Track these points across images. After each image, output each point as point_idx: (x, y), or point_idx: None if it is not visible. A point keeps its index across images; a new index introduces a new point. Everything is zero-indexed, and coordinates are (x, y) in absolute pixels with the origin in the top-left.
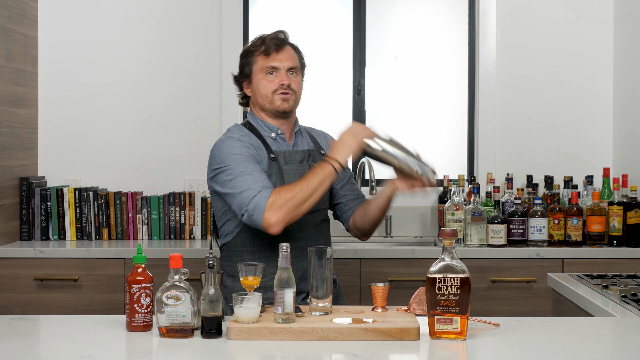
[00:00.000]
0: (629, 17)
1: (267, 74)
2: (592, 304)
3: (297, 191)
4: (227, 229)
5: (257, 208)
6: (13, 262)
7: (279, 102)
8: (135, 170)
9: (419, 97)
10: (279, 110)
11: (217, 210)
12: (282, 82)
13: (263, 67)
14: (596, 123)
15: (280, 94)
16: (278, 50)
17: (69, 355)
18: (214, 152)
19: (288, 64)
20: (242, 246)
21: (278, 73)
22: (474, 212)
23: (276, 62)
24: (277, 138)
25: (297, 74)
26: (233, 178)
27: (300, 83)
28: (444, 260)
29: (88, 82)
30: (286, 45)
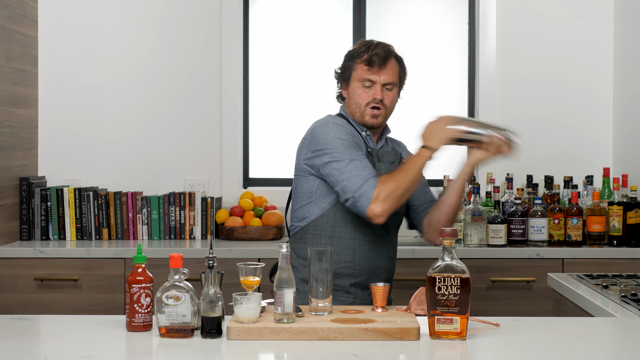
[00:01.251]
0: (629, 17)
1: (364, 86)
2: (592, 304)
3: (401, 182)
4: (309, 211)
5: (364, 197)
6: (13, 262)
7: (368, 117)
8: (135, 170)
9: (419, 97)
10: (367, 124)
11: (303, 191)
12: (375, 96)
13: (361, 78)
14: (596, 123)
15: (371, 109)
16: (381, 65)
17: (69, 355)
18: (316, 133)
19: (385, 79)
20: (321, 230)
21: (374, 87)
22: (474, 212)
23: (374, 76)
24: (367, 138)
25: (393, 88)
26: (339, 161)
27: (394, 98)
28: (444, 260)
29: (88, 82)
30: (390, 59)
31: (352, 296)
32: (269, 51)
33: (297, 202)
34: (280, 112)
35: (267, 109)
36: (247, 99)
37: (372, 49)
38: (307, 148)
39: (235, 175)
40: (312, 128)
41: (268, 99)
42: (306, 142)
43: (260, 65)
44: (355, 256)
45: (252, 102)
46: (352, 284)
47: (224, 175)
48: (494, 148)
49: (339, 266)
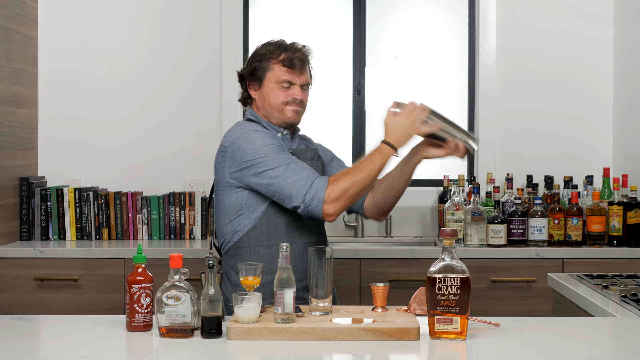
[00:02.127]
0: (629, 17)
1: (282, 87)
2: (592, 304)
3: (355, 180)
4: (240, 225)
5: (316, 199)
6: (13, 262)
7: (290, 113)
8: (135, 170)
9: (419, 97)
10: (287, 122)
11: (230, 205)
12: (295, 96)
13: (279, 79)
14: (596, 123)
15: (292, 106)
16: (302, 66)
17: (69, 355)
18: (240, 144)
19: (304, 81)
20: (257, 240)
21: (293, 87)
22: (474, 212)
23: (295, 78)
24: (283, 138)
25: (308, 89)
26: (275, 168)
27: (308, 97)
28: (444, 260)
29: (88, 82)
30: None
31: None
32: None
33: (224, 218)
34: None
35: None
36: None
37: (292, 52)
38: (230, 161)
39: None
40: (233, 140)
41: None
42: (228, 154)
43: None
44: (297, 260)
45: None
46: (303, 288)
47: None
48: (450, 149)
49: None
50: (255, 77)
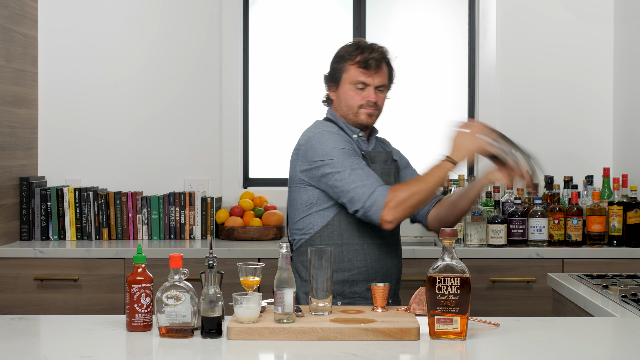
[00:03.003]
0: (629, 17)
1: (357, 88)
2: (592, 304)
3: (415, 191)
4: (311, 222)
5: (376, 205)
6: (13, 262)
7: (363, 116)
8: (135, 170)
9: (419, 97)
10: (361, 124)
11: (302, 202)
12: (369, 98)
13: (354, 80)
14: (596, 123)
15: (366, 109)
16: (376, 69)
17: (69, 355)
18: (312, 144)
19: (379, 82)
20: (328, 239)
21: (367, 89)
22: (474, 212)
23: (369, 79)
24: (359, 140)
25: (384, 90)
26: (341, 172)
27: (384, 99)
28: (444, 260)
29: (88, 83)
30: (383, 63)
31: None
32: (269, 51)
33: (296, 214)
34: (280, 112)
35: (267, 109)
36: (247, 99)
37: (369, 52)
38: (302, 159)
39: (235, 175)
40: (307, 138)
41: (268, 99)
42: (301, 152)
43: (260, 66)
44: (367, 260)
45: (252, 102)
46: (368, 289)
47: (224, 175)
48: (515, 174)
49: (352, 273)
50: (333, 78)
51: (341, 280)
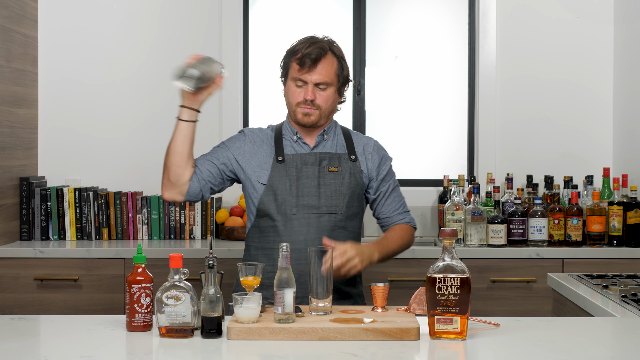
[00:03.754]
0: (629, 17)
1: (296, 85)
2: (592, 304)
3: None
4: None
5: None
6: (13, 262)
7: (300, 115)
8: (135, 170)
9: (419, 97)
10: (299, 122)
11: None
12: (305, 96)
13: (294, 77)
14: (596, 123)
15: (302, 107)
16: (311, 67)
17: (69, 355)
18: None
19: (317, 79)
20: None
21: (305, 87)
22: (474, 212)
23: (306, 76)
24: (298, 141)
25: (327, 88)
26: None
27: (329, 97)
28: (444, 260)
29: (88, 82)
30: (323, 59)
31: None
32: (269, 51)
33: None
34: (280, 112)
35: (267, 109)
36: (247, 98)
37: (306, 48)
38: None
39: None
40: None
41: (268, 98)
42: None
43: (260, 65)
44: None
45: (252, 101)
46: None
47: None
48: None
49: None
50: (283, 73)
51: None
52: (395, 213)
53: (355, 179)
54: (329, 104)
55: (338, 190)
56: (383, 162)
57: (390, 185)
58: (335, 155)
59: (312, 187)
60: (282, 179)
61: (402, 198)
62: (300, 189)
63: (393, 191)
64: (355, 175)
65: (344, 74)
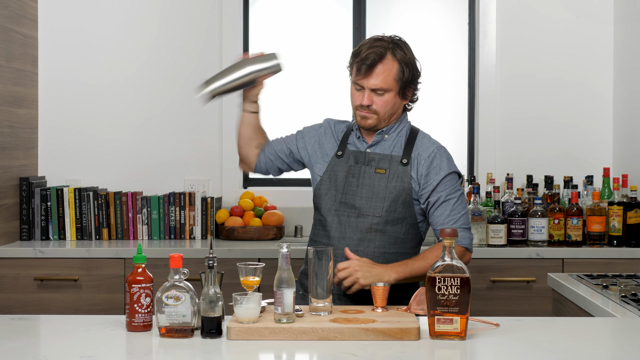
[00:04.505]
0: (629, 17)
1: (356, 89)
2: (592, 304)
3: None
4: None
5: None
6: (13, 262)
7: (358, 118)
8: (135, 170)
9: (419, 97)
10: (358, 125)
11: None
12: (362, 102)
13: (353, 80)
14: (596, 123)
15: (360, 111)
16: (367, 72)
17: (69, 355)
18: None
19: (373, 85)
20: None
21: (363, 91)
22: (474, 212)
23: (363, 81)
24: (360, 138)
25: (385, 93)
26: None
27: (388, 102)
28: (444, 260)
29: (88, 83)
30: (379, 64)
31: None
32: (269, 51)
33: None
34: (280, 111)
35: (267, 109)
36: None
37: (365, 51)
38: None
39: (235, 175)
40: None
41: (268, 98)
42: None
43: None
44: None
45: None
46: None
47: (224, 175)
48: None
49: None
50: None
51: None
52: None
53: (402, 183)
54: (388, 108)
55: (379, 193)
56: (435, 171)
57: (442, 196)
58: (387, 157)
59: (355, 186)
60: (335, 174)
61: (460, 212)
62: (346, 186)
63: (445, 202)
64: (403, 180)
65: (406, 77)
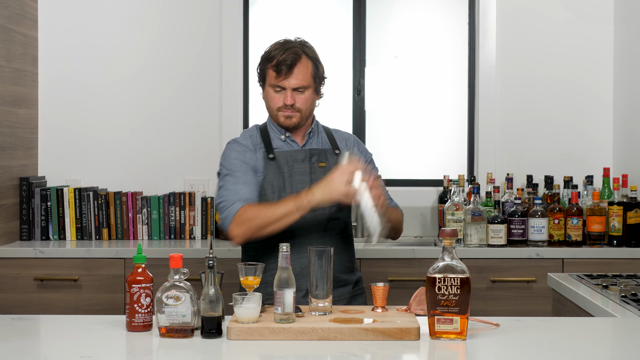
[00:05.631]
0: (629, 17)
1: (275, 91)
2: (592, 304)
3: (263, 215)
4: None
5: (227, 219)
6: (13, 262)
7: (282, 119)
8: (135, 170)
9: (419, 97)
10: (282, 125)
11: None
12: (285, 101)
13: (271, 83)
14: (596, 123)
15: (283, 112)
16: (287, 73)
17: (69, 355)
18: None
19: (295, 84)
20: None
21: (284, 92)
22: (474, 212)
23: (284, 82)
24: (287, 140)
25: (305, 90)
26: (221, 185)
27: (307, 99)
28: (444, 260)
29: (88, 82)
30: (298, 64)
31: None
32: None
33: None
34: None
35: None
36: (247, 98)
37: (281, 55)
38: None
39: None
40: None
41: None
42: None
43: None
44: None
45: (252, 101)
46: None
47: None
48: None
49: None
50: (260, 79)
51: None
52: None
53: None
54: (308, 105)
55: None
56: (362, 155)
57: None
58: (323, 151)
59: (305, 182)
60: (275, 176)
61: (386, 190)
62: (294, 185)
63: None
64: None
65: (320, 74)
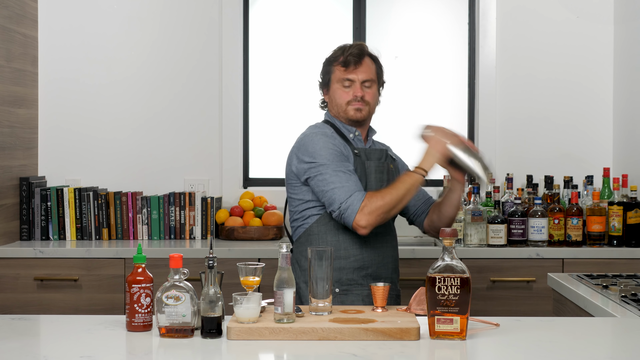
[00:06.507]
0: (629, 17)
1: (343, 86)
2: (592, 304)
3: (388, 199)
4: (308, 213)
5: (350, 209)
6: (13, 262)
7: (352, 112)
8: (135, 170)
9: (419, 97)
10: (352, 119)
11: (298, 199)
12: (355, 94)
13: (340, 78)
14: (596, 123)
15: (353, 105)
16: (356, 64)
17: (69, 355)
18: (305, 143)
19: (363, 77)
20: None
21: (353, 85)
22: (474, 212)
23: (352, 75)
24: (355, 139)
25: (372, 85)
26: (324, 172)
27: (374, 94)
28: (444, 260)
29: (88, 82)
30: (364, 58)
31: (366, 288)
32: (269, 51)
33: (294, 207)
34: (280, 111)
35: (267, 109)
36: (247, 98)
37: (347, 50)
38: (295, 157)
39: (235, 175)
40: (301, 137)
41: (268, 98)
42: (294, 150)
43: (260, 65)
44: (363, 249)
45: (252, 102)
46: (363, 276)
47: (224, 175)
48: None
49: (348, 260)
50: (324, 82)
51: (338, 268)
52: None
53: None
54: (375, 100)
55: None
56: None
57: None
58: (386, 152)
59: (382, 181)
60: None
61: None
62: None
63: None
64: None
65: (382, 75)
